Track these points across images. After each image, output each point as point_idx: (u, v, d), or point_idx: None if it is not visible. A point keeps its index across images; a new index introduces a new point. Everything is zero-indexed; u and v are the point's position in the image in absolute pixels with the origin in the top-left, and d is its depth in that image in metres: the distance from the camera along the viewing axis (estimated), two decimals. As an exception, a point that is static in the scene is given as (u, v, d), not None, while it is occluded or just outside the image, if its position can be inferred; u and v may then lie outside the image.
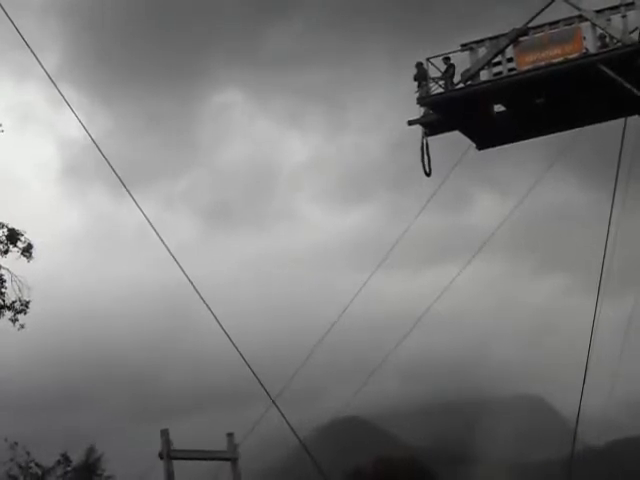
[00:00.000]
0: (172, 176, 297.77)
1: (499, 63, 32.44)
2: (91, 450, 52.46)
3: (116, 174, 24.99)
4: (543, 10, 32.07)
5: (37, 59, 24.03)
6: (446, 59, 32.80)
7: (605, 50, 31.08)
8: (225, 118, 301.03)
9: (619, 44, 30.89)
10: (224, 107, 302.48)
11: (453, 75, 32.71)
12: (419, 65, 32.99)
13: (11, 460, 44.12)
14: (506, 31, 32.32)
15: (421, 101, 33.05)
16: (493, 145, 34.83)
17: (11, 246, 31.84)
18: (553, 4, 31.90)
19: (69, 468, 48.54)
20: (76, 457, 50.68)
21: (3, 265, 31.74)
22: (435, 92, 32.94)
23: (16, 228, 31.97)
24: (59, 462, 47.56)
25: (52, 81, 24.49)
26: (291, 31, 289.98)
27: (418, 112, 33.39)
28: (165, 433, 24.21)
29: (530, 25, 32.23)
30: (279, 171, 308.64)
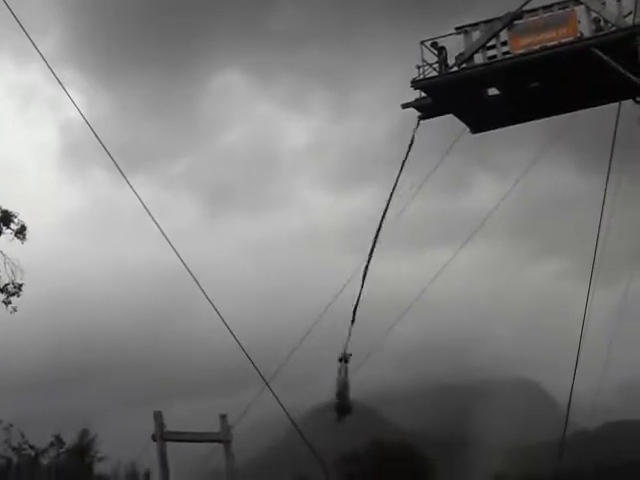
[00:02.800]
0: (173, 158, 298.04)
1: (493, 47, 32.39)
2: (85, 432, 52.65)
3: (111, 157, 24.90)
4: (538, -7, 32.02)
5: (33, 44, 23.89)
6: (434, 44, 32.73)
7: (599, 34, 31.03)
8: (225, 100, 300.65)
9: (613, 28, 30.86)
10: (224, 89, 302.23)
11: (446, 58, 32.67)
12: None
13: (5, 442, 44.24)
14: (501, 14, 32.28)
15: (415, 84, 33.01)
16: (487, 129, 34.81)
17: (4, 228, 31.75)
18: (548, -13, 31.83)
19: (62, 450, 48.72)
20: (70, 439, 50.87)
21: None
22: (429, 75, 32.91)
23: (9, 209, 31.89)
24: (52, 444, 47.72)
25: (48, 66, 24.35)
26: (292, 13, 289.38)
27: (419, 95, 33.37)
28: (158, 415, 24.23)
29: (525, 8, 32.17)
30: (279, 154, 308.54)
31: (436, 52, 32.84)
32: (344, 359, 32.46)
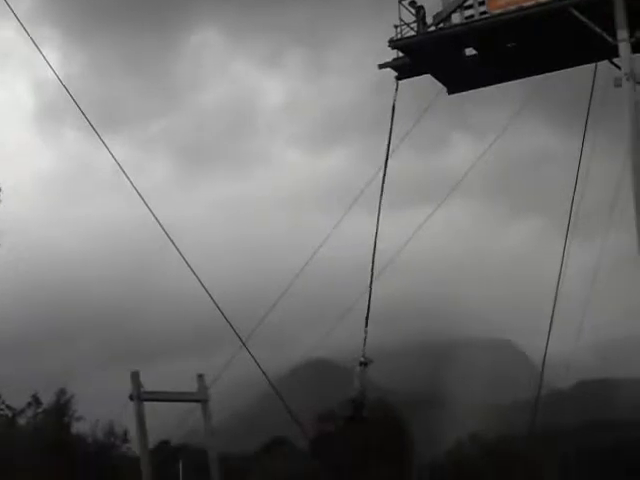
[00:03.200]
0: (149, 117, 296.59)
1: (471, 6, 32.26)
2: (62, 392, 52.74)
3: (85, 116, 24.80)
4: (516, -47, 31.76)
5: (8, 5, 23.67)
6: (412, 3, 32.62)
7: (577, -6, 30.90)
8: (202, 60, 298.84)
9: (591, -12, 30.74)
10: (201, 48, 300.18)
11: (424, 18, 32.54)
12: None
13: (-18, 403, 44.28)
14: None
15: (393, 44, 32.89)
16: (463, 89, 34.79)
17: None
18: (526, -54, 31.59)
19: (40, 410, 48.80)
20: (47, 399, 50.95)
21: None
22: (407, 35, 32.78)
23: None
24: (29, 404, 47.79)
25: (23, 27, 24.11)
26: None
27: (396, 55, 33.27)
28: (135, 375, 24.33)
29: (502, -32, 31.99)
30: (256, 113, 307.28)
31: (414, 11, 32.71)
32: (364, 364, 31.46)
